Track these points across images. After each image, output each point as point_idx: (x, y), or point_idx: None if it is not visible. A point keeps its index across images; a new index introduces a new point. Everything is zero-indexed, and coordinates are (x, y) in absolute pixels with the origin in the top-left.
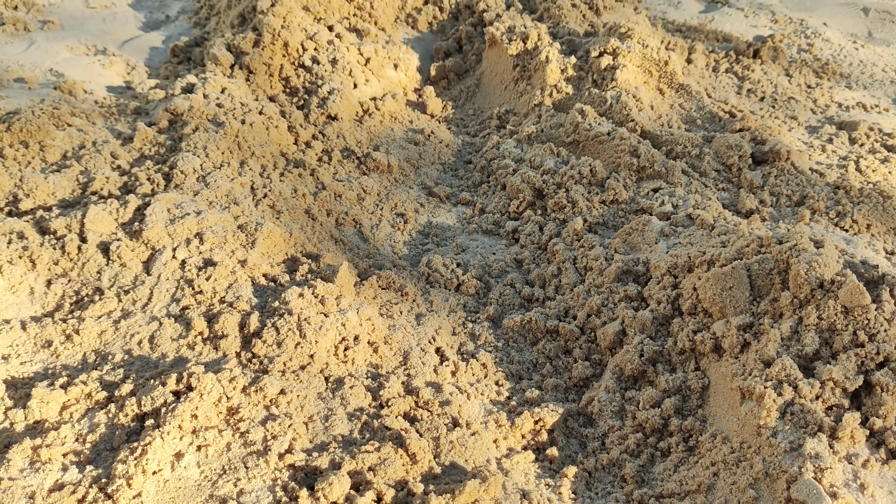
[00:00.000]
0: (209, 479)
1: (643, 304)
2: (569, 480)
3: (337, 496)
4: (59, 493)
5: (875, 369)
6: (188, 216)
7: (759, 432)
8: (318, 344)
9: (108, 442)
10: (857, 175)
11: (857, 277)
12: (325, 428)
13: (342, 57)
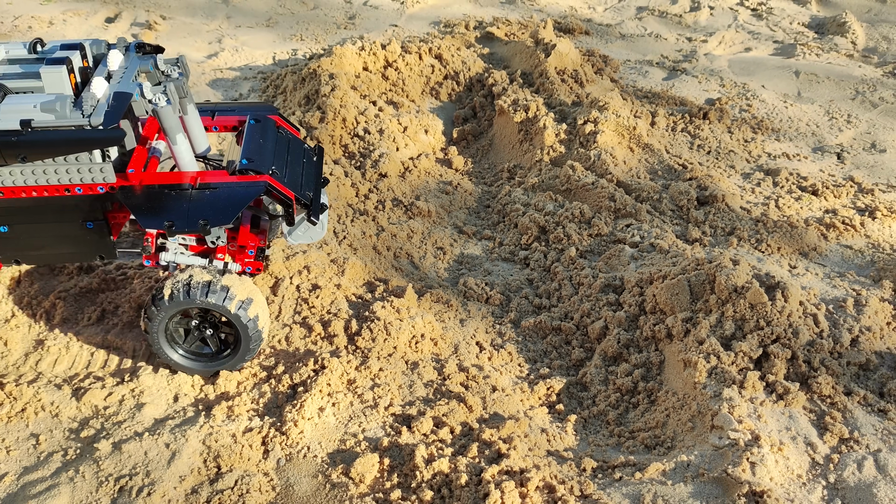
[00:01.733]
0: (342, 423)
1: (620, 307)
2: (571, 424)
3: (426, 430)
4: (249, 433)
5: (770, 344)
6: (297, 254)
7: (695, 387)
8: (398, 339)
9: (273, 403)
10: (775, 210)
11: (759, 284)
12: (410, 392)
13: (386, 127)
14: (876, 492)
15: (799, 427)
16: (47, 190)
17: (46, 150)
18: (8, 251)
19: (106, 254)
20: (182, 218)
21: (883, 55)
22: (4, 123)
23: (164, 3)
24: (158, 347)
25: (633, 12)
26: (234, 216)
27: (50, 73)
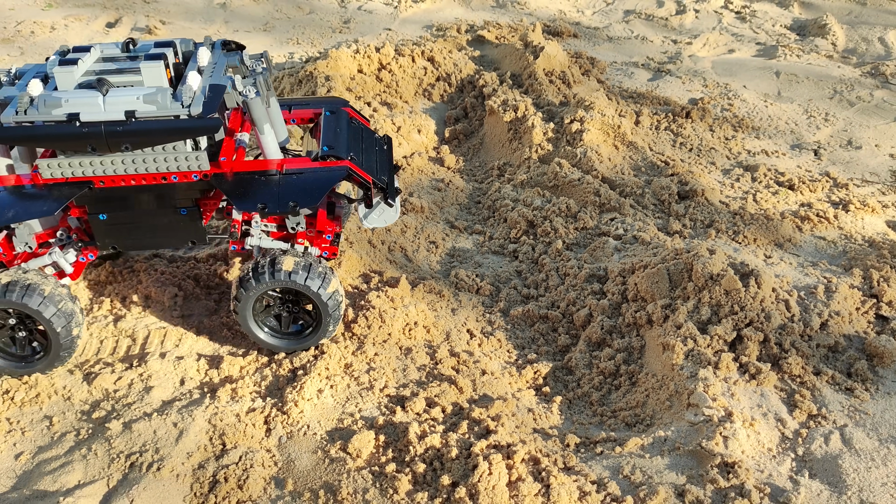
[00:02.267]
0: (340, 403)
1: (604, 296)
2: (556, 405)
3: (419, 409)
4: (252, 413)
5: (744, 327)
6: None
7: (673, 368)
8: (392, 326)
9: (274, 385)
10: (753, 204)
11: (734, 272)
12: (404, 375)
13: (381, 127)
14: (841, 463)
15: (770, 404)
16: (145, 178)
17: (149, 138)
18: (106, 238)
19: (197, 239)
20: (273, 200)
21: (862, 56)
22: (110, 114)
23: (164, 8)
24: (247, 327)
25: (621, 16)
26: (321, 198)
27: (149, 67)
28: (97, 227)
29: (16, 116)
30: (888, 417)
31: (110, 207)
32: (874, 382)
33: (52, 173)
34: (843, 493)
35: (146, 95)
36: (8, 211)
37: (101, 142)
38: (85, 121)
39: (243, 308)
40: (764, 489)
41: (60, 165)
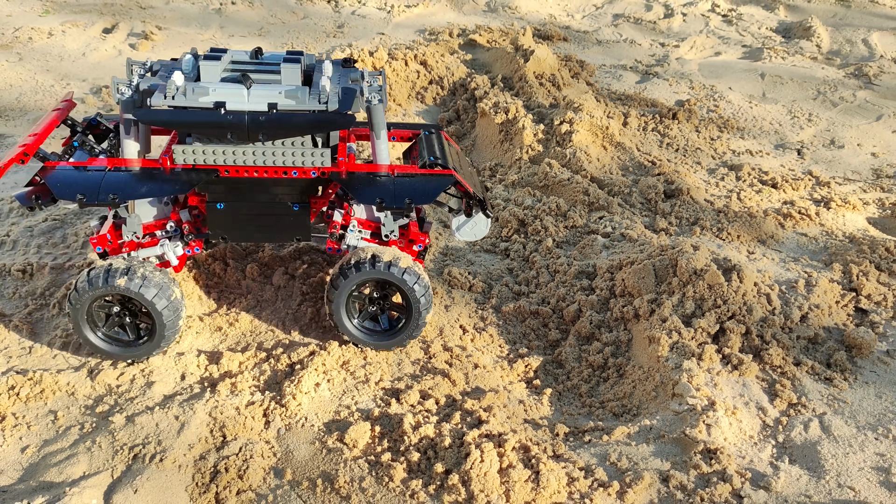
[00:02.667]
0: (337, 396)
1: (592, 292)
2: (546, 396)
3: (413, 401)
4: (252, 406)
5: (726, 320)
6: (292, 246)
7: (658, 360)
8: None
9: (273, 380)
10: (737, 202)
11: (717, 267)
12: (399, 369)
13: None
14: (820, 449)
15: (751, 394)
16: (267, 171)
17: (288, 129)
18: (219, 227)
19: (303, 235)
20: (390, 196)
21: (846, 57)
22: (253, 105)
23: (160, 14)
24: (339, 319)
25: (610, 19)
26: (433, 199)
27: (288, 67)
28: (213, 215)
29: (165, 101)
30: (866, 406)
31: (229, 197)
32: (853, 372)
33: (184, 159)
34: (822, 477)
35: (287, 91)
36: (140, 187)
37: (242, 130)
38: (230, 109)
39: (338, 297)
40: (745, 474)
41: (194, 152)
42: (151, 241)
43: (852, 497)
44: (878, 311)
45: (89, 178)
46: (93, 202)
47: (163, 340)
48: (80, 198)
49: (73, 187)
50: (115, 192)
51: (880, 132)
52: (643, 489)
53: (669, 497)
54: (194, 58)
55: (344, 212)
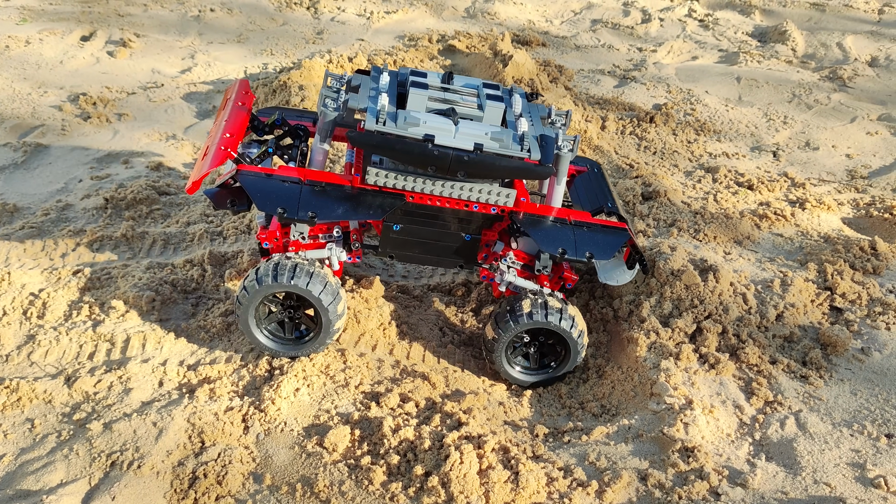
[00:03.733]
0: (316, 401)
1: (571, 294)
2: (526, 398)
3: (393, 404)
4: (231, 412)
5: (703, 320)
6: None
7: (637, 360)
8: (366, 325)
9: (252, 385)
10: (714, 204)
11: (694, 267)
12: (378, 372)
13: None
14: (796, 446)
15: (728, 392)
16: (450, 202)
17: (489, 172)
18: (389, 246)
19: (468, 264)
20: (572, 247)
21: (820, 61)
22: (459, 143)
23: (138, 21)
24: (500, 361)
25: (588, 25)
26: (613, 255)
27: (492, 107)
28: (387, 234)
29: (376, 126)
30: (841, 402)
31: (407, 220)
32: (828, 370)
33: (375, 181)
34: (798, 474)
35: (493, 133)
36: (337, 209)
37: (444, 165)
38: (438, 144)
39: (499, 349)
40: (722, 472)
41: (387, 176)
42: (316, 244)
43: (828, 493)
44: (853, 309)
45: (289, 192)
46: (293, 217)
47: (328, 337)
48: (281, 212)
49: (274, 200)
50: (313, 211)
51: (854, 134)
52: (621, 488)
53: (648, 495)
54: (389, 74)
55: (504, 245)
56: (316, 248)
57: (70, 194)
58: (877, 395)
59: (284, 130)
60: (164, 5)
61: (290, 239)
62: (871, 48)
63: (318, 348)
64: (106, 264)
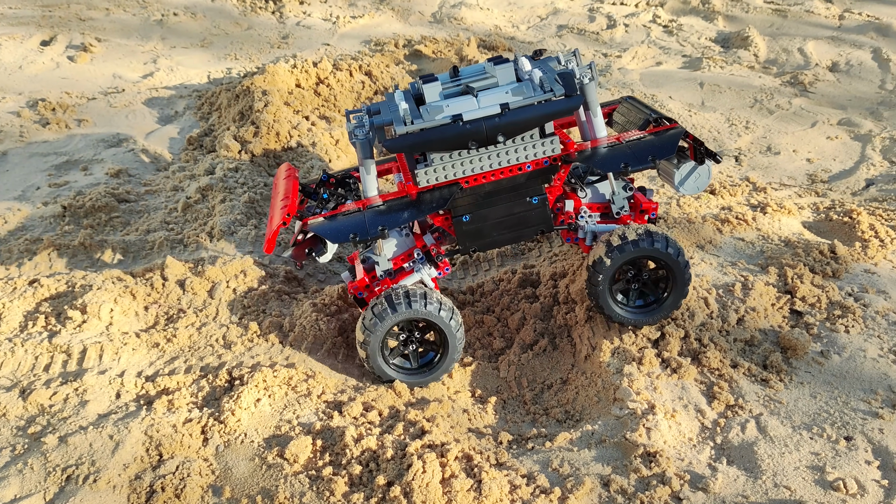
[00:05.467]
0: (278, 411)
1: (536, 300)
2: (491, 405)
3: (356, 413)
4: (189, 423)
5: (666, 325)
6: (234, 259)
7: (600, 365)
8: (330, 333)
9: (212, 396)
10: (677, 209)
11: None
12: (344, 380)
13: (319, 140)
14: (756, 449)
15: (690, 396)
16: (503, 172)
17: (524, 124)
18: (468, 239)
19: (546, 227)
20: (632, 159)
21: (782, 66)
22: (486, 110)
23: (99, 25)
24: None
25: (554, 30)
26: (674, 150)
27: (501, 68)
28: (460, 229)
29: (406, 127)
30: (801, 406)
31: (472, 208)
32: (788, 373)
33: (427, 179)
34: (759, 477)
35: (513, 89)
36: (402, 214)
37: (481, 136)
38: (467, 119)
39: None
40: (684, 476)
41: (435, 171)
42: (403, 274)
43: (788, 496)
44: (813, 312)
45: (354, 220)
46: (365, 238)
47: (453, 359)
48: (353, 236)
49: (343, 231)
50: (381, 224)
51: (815, 138)
52: (584, 494)
53: (610, 501)
54: (404, 92)
55: (573, 201)
56: (405, 278)
57: (27, 202)
58: (836, 398)
59: (332, 184)
60: (126, 9)
61: (379, 280)
62: (831, 53)
63: (449, 367)
64: (63, 274)
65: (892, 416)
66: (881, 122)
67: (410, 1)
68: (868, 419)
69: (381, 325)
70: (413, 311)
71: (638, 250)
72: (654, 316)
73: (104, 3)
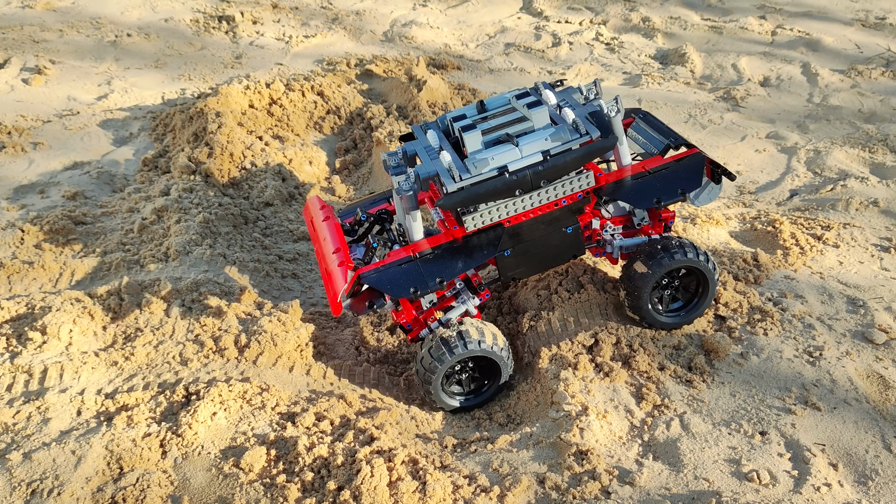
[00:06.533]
0: (233, 424)
1: (481, 310)
2: (440, 414)
3: (308, 423)
4: (148, 437)
5: (600, 332)
6: (189, 279)
7: (539, 371)
8: (284, 348)
9: (169, 411)
10: None
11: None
12: (297, 392)
13: (272, 160)
14: (679, 445)
15: (620, 398)
16: (541, 209)
17: (564, 169)
18: (509, 271)
19: (578, 252)
20: (664, 192)
21: (716, 81)
22: (528, 159)
23: (53, 47)
24: (647, 312)
25: (502, 48)
26: (701, 180)
27: (538, 113)
28: (502, 263)
29: (457, 183)
30: (721, 404)
31: (513, 243)
32: (710, 374)
33: (474, 224)
34: (681, 470)
35: (552, 135)
36: (457, 264)
37: (527, 184)
38: (513, 170)
39: (646, 296)
40: (613, 472)
41: (482, 215)
42: (445, 302)
43: (707, 487)
44: (735, 317)
45: (410, 272)
46: (426, 291)
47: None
48: (414, 291)
49: (403, 285)
50: (439, 277)
51: (744, 151)
52: (521, 491)
53: (545, 497)
54: (432, 129)
55: (599, 219)
56: (447, 307)
57: None
58: (753, 396)
59: (370, 222)
60: (80, 31)
61: (424, 310)
62: (763, 68)
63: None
64: (23, 296)
65: (804, 412)
66: (807, 135)
67: (362, 20)
68: (782, 415)
69: (444, 363)
70: (469, 351)
71: (676, 262)
72: (690, 316)
73: (58, 25)
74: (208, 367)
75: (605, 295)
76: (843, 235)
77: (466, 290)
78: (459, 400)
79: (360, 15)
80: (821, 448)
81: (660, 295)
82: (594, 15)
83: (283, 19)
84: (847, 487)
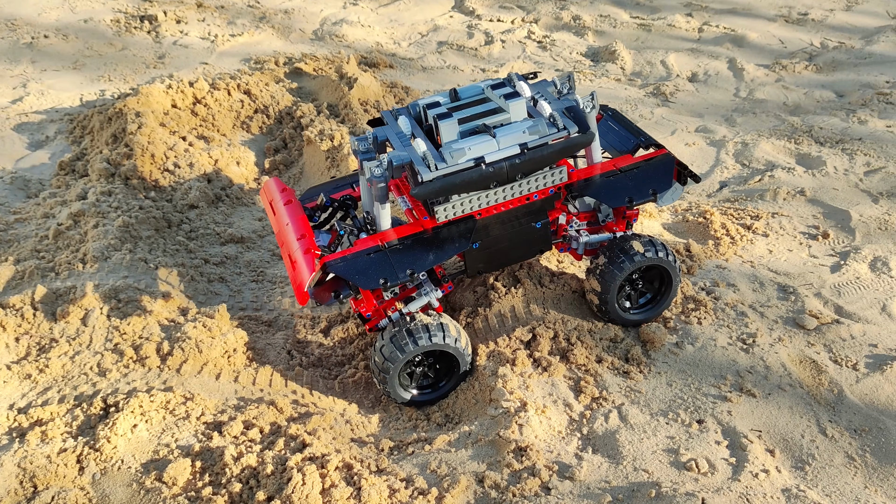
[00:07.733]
0: (155, 436)
1: None
2: (375, 416)
3: (236, 432)
4: (64, 453)
5: (537, 327)
6: (107, 285)
7: (477, 368)
8: (210, 355)
9: (87, 424)
10: None
11: (529, 277)
12: (224, 400)
13: (197, 161)
14: (618, 437)
15: (559, 392)
16: (513, 202)
17: (541, 163)
18: (477, 264)
19: (545, 247)
20: (635, 192)
21: (646, 77)
22: (505, 151)
23: None
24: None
25: (435, 47)
26: (671, 180)
27: (515, 105)
28: (470, 256)
29: (433, 173)
30: (658, 394)
31: (482, 236)
32: (647, 365)
33: (445, 215)
34: (620, 462)
35: (529, 128)
36: (427, 256)
37: (503, 177)
38: (489, 161)
39: (612, 296)
40: (553, 467)
41: (454, 206)
42: (407, 292)
43: (646, 478)
44: (670, 307)
45: (379, 262)
46: (396, 283)
47: (463, 375)
48: (384, 282)
49: (372, 275)
50: (409, 268)
51: (675, 145)
52: (460, 492)
53: (485, 496)
54: (404, 115)
55: (566, 214)
56: (407, 297)
57: None
58: (689, 385)
59: (334, 207)
60: None
61: (385, 299)
62: (691, 65)
63: (458, 384)
64: None
65: (740, 399)
66: (734, 128)
67: (291, 18)
68: (718, 403)
69: (402, 357)
70: (433, 344)
71: (646, 260)
72: (656, 311)
73: None
74: (128, 378)
75: (543, 289)
76: (771, 224)
77: (429, 281)
78: (420, 393)
79: (288, 13)
80: (757, 434)
81: (627, 293)
82: (526, 13)
83: (208, 18)
84: (784, 473)
